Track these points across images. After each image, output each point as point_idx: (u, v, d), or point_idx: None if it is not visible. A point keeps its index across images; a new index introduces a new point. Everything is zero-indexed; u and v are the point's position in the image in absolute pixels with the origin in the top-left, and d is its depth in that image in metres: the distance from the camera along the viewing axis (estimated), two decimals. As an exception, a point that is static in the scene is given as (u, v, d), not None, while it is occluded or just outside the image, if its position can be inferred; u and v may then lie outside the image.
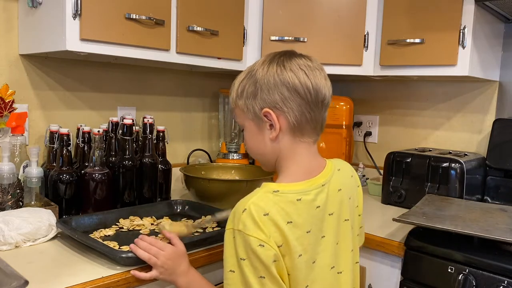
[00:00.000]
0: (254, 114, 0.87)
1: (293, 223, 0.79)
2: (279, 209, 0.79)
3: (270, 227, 0.77)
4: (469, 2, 1.41)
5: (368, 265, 1.28)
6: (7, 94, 1.33)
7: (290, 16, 1.61)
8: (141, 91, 1.71)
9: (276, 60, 0.86)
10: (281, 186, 0.83)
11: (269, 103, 0.84)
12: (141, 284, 0.95)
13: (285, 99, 0.83)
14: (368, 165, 2.00)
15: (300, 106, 0.83)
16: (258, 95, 0.86)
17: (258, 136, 0.89)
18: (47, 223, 1.07)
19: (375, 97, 2.02)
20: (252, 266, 0.76)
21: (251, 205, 0.78)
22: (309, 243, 0.82)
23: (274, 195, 0.80)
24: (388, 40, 1.57)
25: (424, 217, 1.19)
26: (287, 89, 0.83)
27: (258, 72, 0.87)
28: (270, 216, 0.77)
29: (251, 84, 0.87)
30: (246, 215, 0.77)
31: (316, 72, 0.85)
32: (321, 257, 0.85)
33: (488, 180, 1.60)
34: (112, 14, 1.22)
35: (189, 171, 1.55)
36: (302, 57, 0.87)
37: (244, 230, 0.76)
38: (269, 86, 0.84)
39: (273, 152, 0.88)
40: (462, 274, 1.06)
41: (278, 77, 0.84)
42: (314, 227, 0.83)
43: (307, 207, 0.82)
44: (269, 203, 0.79)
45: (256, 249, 0.75)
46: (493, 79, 1.67)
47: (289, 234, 0.78)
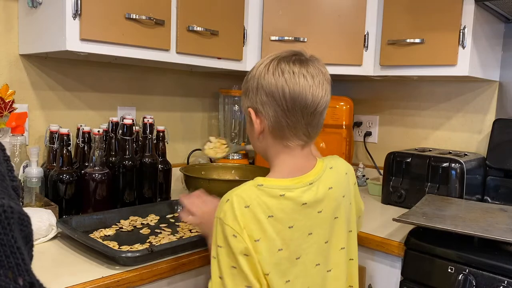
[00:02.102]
0: (245, 111, 0.93)
1: (274, 217, 0.82)
2: (261, 202, 0.81)
3: (248, 220, 0.80)
4: (469, 2, 1.41)
5: (368, 265, 1.28)
6: (7, 94, 1.33)
7: (290, 16, 1.61)
8: (141, 91, 1.71)
9: (267, 63, 0.88)
10: (266, 180, 0.85)
11: (253, 103, 0.89)
12: (141, 284, 0.95)
13: (264, 103, 0.86)
14: (368, 165, 2.00)
15: (276, 112, 0.85)
16: (248, 95, 0.90)
17: (251, 131, 0.94)
18: (47, 223, 1.07)
19: (375, 97, 2.02)
20: (226, 255, 0.80)
21: (234, 197, 0.81)
22: (291, 238, 0.84)
23: (258, 188, 0.83)
24: (388, 40, 1.57)
25: (424, 217, 1.19)
26: (265, 94, 0.86)
27: (252, 71, 0.91)
28: (251, 209, 0.80)
29: (245, 82, 0.92)
30: (228, 205, 0.81)
31: (300, 79, 0.84)
32: (306, 254, 0.86)
33: (488, 180, 1.60)
34: (112, 14, 1.22)
35: (189, 171, 1.55)
36: (293, 62, 0.86)
37: (224, 219, 0.80)
38: (253, 88, 0.88)
39: (262, 147, 0.93)
40: (462, 274, 1.06)
41: (260, 81, 0.87)
42: (297, 223, 0.84)
43: (290, 203, 0.83)
44: (251, 196, 0.82)
45: (230, 238, 0.79)
46: (493, 79, 1.67)
47: (269, 227, 0.81)
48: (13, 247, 0.40)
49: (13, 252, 0.40)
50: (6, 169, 0.47)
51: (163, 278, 0.99)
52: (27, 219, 0.44)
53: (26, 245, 0.43)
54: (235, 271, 0.79)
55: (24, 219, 0.43)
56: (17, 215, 0.42)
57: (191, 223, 1.06)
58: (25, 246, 0.43)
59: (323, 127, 0.93)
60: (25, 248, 0.42)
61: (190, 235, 1.14)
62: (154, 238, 1.12)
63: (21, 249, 0.41)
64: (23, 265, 0.40)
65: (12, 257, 0.40)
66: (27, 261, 0.41)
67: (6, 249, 0.39)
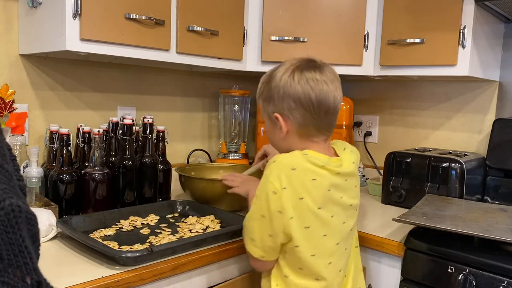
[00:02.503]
0: (268, 115, 1.04)
1: (317, 180, 0.94)
2: (306, 167, 0.93)
3: (294, 180, 0.92)
4: (469, 2, 1.41)
5: (368, 265, 1.28)
6: (7, 94, 1.33)
7: (290, 16, 1.61)
8: (141, 91, 1.71)
9: (290, 71, 0.98)
10: (309, 152, 0.96)
11: (279, 109, 1.00)
12: (141, 284, 0.95)
13: (291, 109, 0.98)
14: (368, 165, 2.00)
15: (304, 115, 0.97)
16: (271, 101, 1.01)
17: (273, 131, 1.05)
18: (47, 223, 1.07)
19: (375, 97, 2.02)
20: (260, 205, 0.94)
21: (283, 159, 0.95)
22: (327, 199, 0.96)
23: (303, 156, 0.95)
24: (388, 40, 1.57)
25: (424, 217, 1.19)
26: (293, 101, 0.97)
27: (275, 80, 1.00)
28: (297, 171, 0.93)
29: (268, 89, 1.02)
30: (274, 165, 0.94)
31: (322, 85, 0.97)
32: (337, 213, 0.98)
33: (488, 180, 1.60)
34: (112, 14, 1.22)
35: (185, 171, 1.53)
36: (313, 69, 0.98)
37: (268, 176, 0.93)
38: (279, 95, 0.99)
39: (284, 146, 1.03)
40: (462, 274, 1.06)
41: (287, 90, 0.97)
42: (333, 188, 0.97)
43: (328, 173, 0.96)
44: (298, 160, 0.94)
45: (269, 194, 0.92)
46: (493, 79, 1.67)
47: (312, 188, 0.93)
48: (21, 246, 0.41)
49: (21, 251, 0.40)
50: (13, 168, 0.47)
51: (163, 278, 0.99)
52: (34, 218, 0.44)
53: (33, 244, 0.44)
54: (263, 220, 0.94)
55: (31, 218, 0.43)
56: (25, 214, 0.42)
57: (234, 188, 1.27)
58: (32, 245, 0.43)
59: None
60: (32, 247, 0.43)
61: (190, 235, 1.14)
62: (154, 238, 1.12)
63: (29, 248, 0.41)
64: (31, 264, 0.41)
65: (20, 256, 0.40)
66: (35, 260, 0.42)
67: (14, 248, 0.40)
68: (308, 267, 0.96)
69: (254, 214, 0.97)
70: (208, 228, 1.20)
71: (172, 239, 1.10)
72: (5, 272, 0.39)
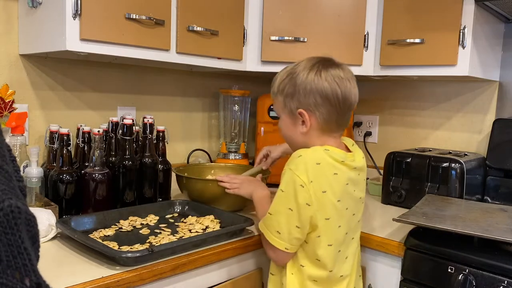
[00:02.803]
0: (290, 110, 1.05)
1: (338, 175, 1.00)
2: (329, 162, 0.99)
3: (318, 174, 0.97)
4: (469, 2, 1.41)
5: (368, 265, 1.28)
6: (7, 94, 1.33)
7: (290, 16, 1.61)
8: (141, 91, 1.71)
9: (315, 68, 1.02)
10: (330, 147, 1.01)
11: (304, 105, 1.02)
12: (141, 284, 0.95)
13: (318, 104, 1.01)
14: (368, 165, 1.98)
15: (329, 111, 1.01)
16: (295, 97, 1.03)
17: (292, 128, 1.07)
18: (47, 223, 1.07)
19: (375, 97, 2.02)
20: (286, 198, 0.98)
21: (307, 154, 0.99)
22: (344, 193, 1.02)
23: (325, 151, 1.00)
24: (388, 40, 1.57)
25: (424, 217, 1.19)
26: (320, 96, 1.00)
27: (299, 76, 1.03)
28: (322, 165, 0.98)
29: (291, 85, 1.04)
30: (300, 160, 0.98)
31: (346, 83, 1.02)
32: (350, 206, 1.05)
33: (488, 180, 1.60)
34: (112, 14, 1.22)
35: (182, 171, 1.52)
36: (336, 67, 1.03)
37: (295, 170, 0.97)
38: (305, 91, 1.01)
39: (303, 142, 1.06)
40: (462, 274, 1.06)
41: (314, 85, 1.00)
42: (350, 182, 1.03)
43: (346, 168, 1.02)
44: (321, 156, 0.99)
45: (297, 187, 0.96)
46: (493, 79, 1.67)
47: (334, 182, 0.99)
48: (20, 247, 0.40)
49: (20, 252, 0.40)
50: (13, 169, 0.47)
51: (163, 278, 0.98)
52: (34, 219, 0.44)
53: (32, 245, 0.43)
54: (291, 213, 0.98)
55: (31, 219, 0.43)
56: (24, 215, 0.42)
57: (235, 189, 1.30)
58: (32, 246, 0.43)
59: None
60: (32, 249, 0.42)
61: (190, 235, 1.14)
62: (154, 238, 1.12)
63: (28, 249, 0.41)
64: (30, 266, 0.40)
65: (19, 257, 0.40)
66: (34, 261, 0.41)
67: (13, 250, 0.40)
68: (324, 257, 1.01)
69: (280, 208, 1.00)
70: (207, 228, 1.20)
71: (172, 239, 1.10)
72: (3, 273, 0.39)
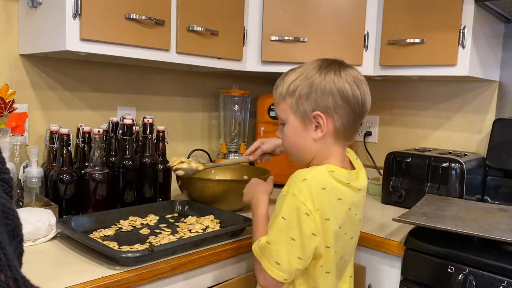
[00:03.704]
0: (303, 113, 0.94)
1: (342, 200, 0.92)
2: (334, 186, 0.91)
3: (323, 201, 0.88)
4: (469, 2, 1.41)
5: (368, 265, 1.28)
6: (7, 94, 1.33)
7: (290, 16, 1.61)
8: (141, 91, 1.71)
9: (332, 68, 0.94)
10: (335, 168, 0.93)
11: (321, 106, 0.92)
12: (141, 284, 0.95)
13: (337, 106, 0.92)
14: (368, 165, 2.00)
15: (348, 114, 0.93)
16: (311, 97, 0.93)
17: (302, 133, 0.96)
18: (47, 223, 1.07)
19: (375, 97, 1.99)
20: (289, 227, 0.88)
21: (312, 178, 0.89)
22: (347, 218, 0.94)
23: (330, 174, 0.91)
24: (388, 40, 1.57)
25: (424, 217, 1.19)
26: (340, 97, 0.92)
27: (315, 76, 0.93)
28: (327, 191, 0.89)
29: (306, 85, 0.93)
30: (305, 185, 0.88)
31: (363, 85, 0.95)
32: (350, 231, 0.98)
33: (488, 180, 1.60)
34: (112, 14, 1.22)
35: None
36: (353, 69, 0.96)
37: (299, 195, 0.87)
38: (324, 91, 0.92)
39: (312, 150, 0.96)
40: (462, 274, 1.06)
41: (334, 85, 0.92)
42: (353, 206, 0.95)
43: (351, 190, 0.94)
44: (326, 180, 0.90)
45: (302, 216, 0.87)
46: (493, 79, 1.67)
47: (338, 208, 0.91)
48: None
49: None
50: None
51: (163, 278, 0.98)
52: (13, 212, 0.42)
53: (13, 239, 0.41)
54: (293, 243, 0.88)
55: (9, 212, 0.41)
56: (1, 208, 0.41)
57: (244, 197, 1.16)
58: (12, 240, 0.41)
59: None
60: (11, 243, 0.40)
61: (190, 235, 1.14)
62: (154, 238, 1.12)
63: (3, 243, 0.39)
64: (5, 261, 0.38)
65: None
66: (10, 256, 0.39)
67: None
68: (322, 285, 0.94)
69: (280, 237, 0.89)
70: (207, 228, 1.20)
71: (172, 239, 1.10)
72: None
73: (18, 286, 0.39)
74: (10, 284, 0.38)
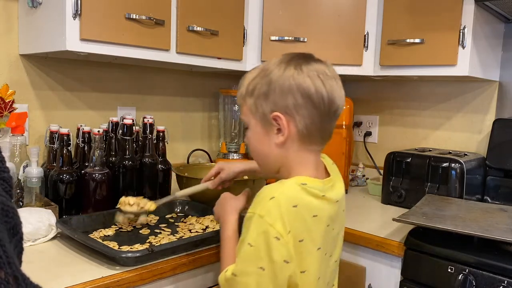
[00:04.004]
0: (262, 115, 0.84)
1: (318, 216, 0.80)
2: (307, 202, 0.79)
3: (295, 220, 0.77)
4: (469, 2, 1.41)
5: (368, 265, 1.28)
6: (7, 94, 1.33)
7: (290, 16, 1.61)
8: (141, 91, 1.71)
9: (293, 62, 0.82)
10: (307, 180, 0.81)
11: (280, 107, 0.81)
12: (141, 284, 0.95)
13: (298, 106, 0.80)
14: (368, 165, 2.00)
15: (312, 114, 0.81)
16: (270, 97, 0.82)
17: (264, 138, 0.85)
18: (47, 223, 1.07)
19: (375, 97, 2.02)
20: (257, 255, 0.75)
21: (281, 195, 0.77)
22: (326, 236, 0.84)
23: (301, 187, 0.79)
24: (388, 40, 1.57)
25: (424, 217, 1.19)
26: (301, 95, 0.80)
27: (273, 72, 0.82)
28: (299, 208, 0.77)
29: (264, 83, 0.83)
30: (273, 204, 0.76)
31: (332, 82, 0.82)
32: (330, 250, 0.88)
33: (488, 180, 1.60)
34: (112, 14, 1.22)
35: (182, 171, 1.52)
36: (320, 62, 0.84)
37: (266, 217, 0.75)
38: (283, 89, 0.81)
39: (278, 157, 0.85)
40: (462, 274, 1.06)
41: (294, 81, 0.80)
42: (331, 222, 0.85)
43: (327, 204, 0.83)
44: (298, 195, 0.78)
45: (272, 241, 0.74)
46: (493, 79, 1.67)
47: (313, 227, 0.79)
48: None
49: None
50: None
51: (163, 278, 0.98)
52: (12, 210, 0.41)
53: (13, 237, 0.41)
54: (263, 273, 0.75)
55: (8, 210, 0.41)
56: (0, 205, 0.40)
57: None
58: (12, 238, 0.41)
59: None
60: (10, 241, 0.40)
61: (190, 235, 1.14)
62: (154, 238, 1.12)
63: (2, 241, 0.39)
64: (5, 258, 0.38)
65: None
66: (10, 253, 0.39)
67: None
68: None
69: (247, 268, 0.77)
70: (208, 228, 1.20)
71: (172, 239, 1.10)
72: None
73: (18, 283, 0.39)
74: (10, 281, 0.38)
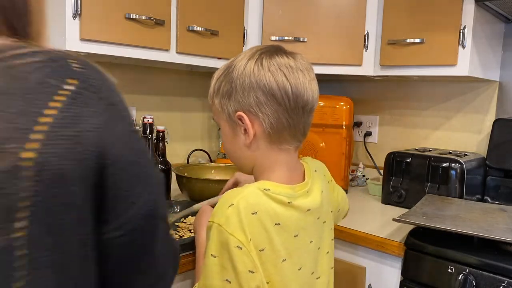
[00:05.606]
0: (228, 115, 0.80)
1: (281, 225, 0.75)
2: (269, 208, 0.74)
3: (255, 228, 0.72)
4: (469, 2, 1.41)
5: (368, 265, 1.28)
6: (7, 94, 1.33)
7: (290, 16, 1.61)
8: (141, 91, 1.71)
9: (255, 57, 0.77)
10: (272, 185, 0.77)
11: (243, 106, 0.77)
12: (141, 284, 0.94)
13: (260, 104, 0.76)
14: (368, 165, 2.00)
15: (277, 112, 0.76)
16: (232, 96, 0.78)
17: (233, 140, 0.82)
18: (47, 223, 1.07)
19: (375, 97, 2.02)
20: (221, 266, 0.71)
21: (241, 201, 0.72)
22: (295, 248, 0.78)
23: (264, 193, 0.75)
24: (388, 40, 1.57)
25: (424, 217, 1.19)
26: (262, 92, 0.75)
27: (235, 69, 0.79)
28: (258, 216, 0.72)
29: (227, 82, 0.80)
30: (232, 211, 0.71)
31: (298, 74, 0.77)
32: (305, 263, 0.82)
33: (488, 180, 1.60)
34: (112, 14, 1.22)
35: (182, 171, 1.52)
36: (285, 55, 0.78)
37: (225, 225, 0.71)
38: (244, 87, 0.77)
39: (249, 159, 0.82)
40: (462, 274, 1.06)
41: (254, 78, 0.76)
42: (302, 231, 0.79)
43: (296, 212, 0.78)
44: (259, 201, 0.74)
45: (233, 250, 0.70)
46: (493, 79, 1.67)
47: (275, 236, 0.74)
48: None
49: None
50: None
51: (163, 278, 0.98)
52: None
53: None
54: (229, 286, 0.71)
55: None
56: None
57: None
58: None
59: (323, 127, 0.92)
60: None
61: (190, 235, 1.14)
62: (154, 238, 1.11)
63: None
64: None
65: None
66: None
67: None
68: None
69: (212, 281, 0.72)
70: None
71: (172, 239, 1.10)
72: None
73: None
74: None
